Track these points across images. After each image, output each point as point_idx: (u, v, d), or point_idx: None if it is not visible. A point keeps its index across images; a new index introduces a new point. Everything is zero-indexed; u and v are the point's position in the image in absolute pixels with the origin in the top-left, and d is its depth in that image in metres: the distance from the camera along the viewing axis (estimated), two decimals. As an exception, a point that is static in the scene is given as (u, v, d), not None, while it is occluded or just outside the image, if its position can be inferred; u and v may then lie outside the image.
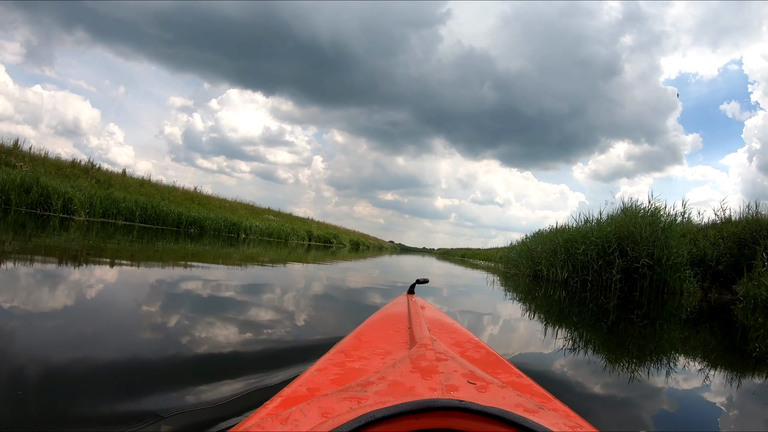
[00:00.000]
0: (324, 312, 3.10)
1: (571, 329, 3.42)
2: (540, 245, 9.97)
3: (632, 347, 2.86)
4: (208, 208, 18.49)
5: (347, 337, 1.07)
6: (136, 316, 2.12)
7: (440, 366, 0.68)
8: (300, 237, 22.48)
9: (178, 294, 2.92)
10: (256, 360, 1.63)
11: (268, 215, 23.20)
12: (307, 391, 0.69)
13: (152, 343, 1.71)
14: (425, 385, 0.60)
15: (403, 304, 1.49)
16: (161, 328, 1.92)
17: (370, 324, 1.21)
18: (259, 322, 2.32)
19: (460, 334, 1.15)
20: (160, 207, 14.51)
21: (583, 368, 2.09)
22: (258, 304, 2.92)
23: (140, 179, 18.35)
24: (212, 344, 1.76)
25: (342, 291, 4.56)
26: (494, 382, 0.64)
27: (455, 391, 0.58)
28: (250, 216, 20.72)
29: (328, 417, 0.50)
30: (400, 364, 0.70)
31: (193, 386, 1.27)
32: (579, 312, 4.59)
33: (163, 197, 17.04)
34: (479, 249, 38.88)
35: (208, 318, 2.24)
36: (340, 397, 0.56)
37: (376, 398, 0.55)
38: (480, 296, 5.76)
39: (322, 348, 1.12)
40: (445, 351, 0.76)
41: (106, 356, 1.48)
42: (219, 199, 21.53)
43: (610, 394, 1.75)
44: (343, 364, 0.85)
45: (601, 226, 8.25)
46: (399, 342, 1.01)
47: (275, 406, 0.63)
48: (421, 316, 1.17)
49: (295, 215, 28.39)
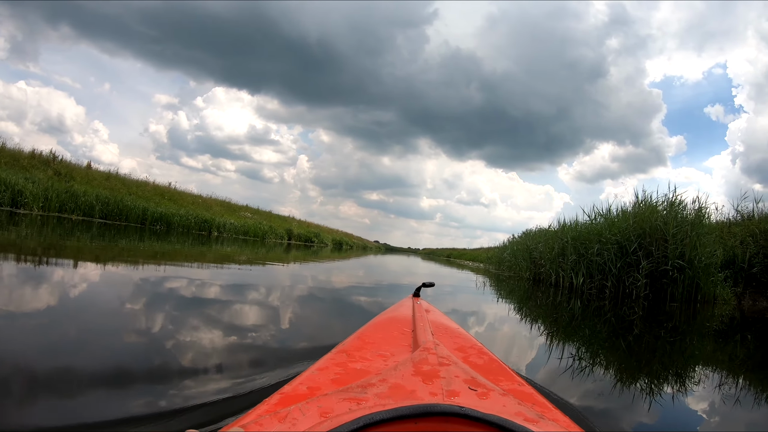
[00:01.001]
0: (301, 318, 2.81)
1: (582, 344, 2.89)
2: (541, 244, 8.78)
3: (655, 366, 2.40)
4: (179, 204, 17.46)
5: (350, 338, 1.06)
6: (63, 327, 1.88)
7: (442, 371, 0.67)
8: (278, 235, 21.48)
9: (103, 300, 2.48)
10: (229, 367, 1.53)
11: (244, 212, 22.15)
12: (307, 390, 0.69)
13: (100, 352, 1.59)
14: (426, 389, 0.59)
15: (408, 306, 1.47)
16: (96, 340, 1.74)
17: (373, 325, 1.21)
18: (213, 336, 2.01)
19: (463, 339, 1.13)
20: (123, 202, 13.44)
21: (592, 387, 1.83)
22: (205, 313, 2.46)
23: (106, 173, 17.30)
24: (179, 353, 1.66)
25: (325, 293, 4.14)
26: (495, 390, 0.64)
27: (456, 397, 0.57)
28: (225, 213, 19.71)
29: (326, 417, 0.50)
30: (401, 367, 0.70)
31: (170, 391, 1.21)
32: (593, 324, 3.83)
33: (131, 192, 15.99)
34: (465, 249, 38.74)
35: (153, 333, 1.94)
36: (340, 398, 0.56)
37: (376, 400, 0.55)
38: (470, 300, 4.98)
39: (296, 356, 1.30)
40: (447, 356, 0.75)
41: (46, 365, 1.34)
42: (192, 195, 20.51)
43: (620, 416, 1.54)
44: (344, 364, 0.84)
45: (615, 221, 6.91)
46: (402, 345, 1.00)
47: (274, 403, 0.63)
48: (426, 320, 1.16)
49: (275, 213, 27.38)
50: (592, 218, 7.80)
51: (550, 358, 2.33)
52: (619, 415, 1.55)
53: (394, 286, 5.90)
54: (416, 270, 11.30)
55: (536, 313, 4.41)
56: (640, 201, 6.95)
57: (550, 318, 4.03)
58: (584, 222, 7.95)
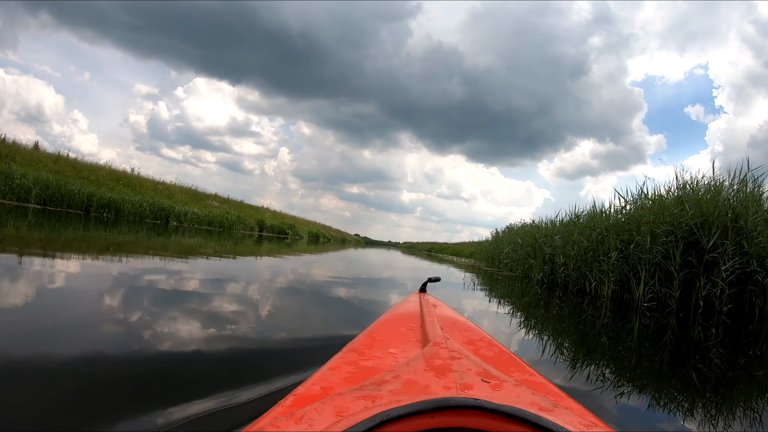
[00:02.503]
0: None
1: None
2: (559, 236, 6.77)
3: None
4: (137, 190, 15.93)
5: (359, 336, 1.05)
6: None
7: (454, 364, 0.67)
8: (248, 227, 20.04)
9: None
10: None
11: (211, 201, 20.64)
12: (321, 390, 0.68)
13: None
14: (440, 383, 0.60)
15: (415, 302, 1.45)
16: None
17: (382, 322, 1.20)
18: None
19: (472, 332, 1.13)
20: (66, 186, 11.90)
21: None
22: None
23: (55, 154, 15.66)
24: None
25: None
26: (508, 381, 0.64)
27: (470, 390, 0.58)
28: (190, 201, 18.22)
29: (342, 416, 0.50)
30: (414, 362, 0.70)
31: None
32: (652, 355, 2.53)
33: (81, 176, 14.41)
34: (446, 243, 38.08)
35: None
36: (355, 396, 0.56)
37: (391, 397, 0.55)
38: (472, 309, 3.83)
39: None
40: (458, 349, 0.75)
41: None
42: (153, 181, 18.91)
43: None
44: (356, 362, 0.84)
45: (668, 205, 5.00)
46: (412, 340, 0.99)
47: (289, 404, 0.63)
48: (434, 315, 1.16)
49: (246, 203, 25.86)
50: (625, 205, 5.89)
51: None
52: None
53: (375, 281, 5.53)
54: (397, 264, 10.95)
55: (581, 339, 2.90)
56: (687, 182, 5.24)
57: (618, 361, 2.38)
58: (614, 207, 6.09)
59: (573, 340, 2.81)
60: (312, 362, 1.36)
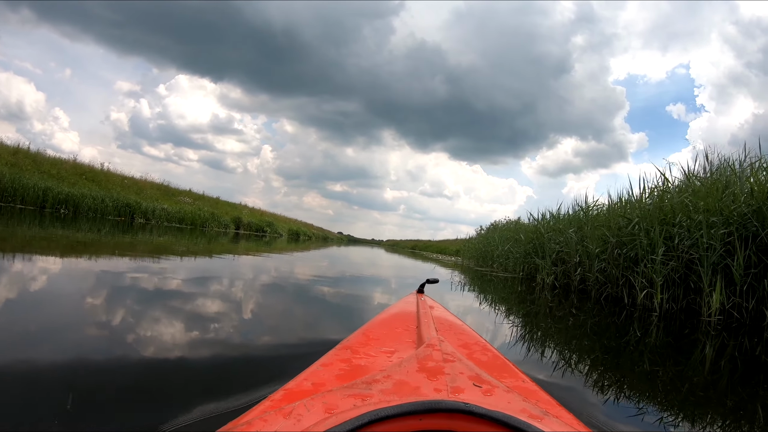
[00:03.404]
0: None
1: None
2: (574, 229, 5.58)
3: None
4: (102, 186, 14.95)
5: (354, 334, 1.03)
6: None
7: (447, 367, 0.66)
8: (223, 224, 19.14)
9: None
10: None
11: (185, 197, 19.68)
12: (312, 386, 0.68)
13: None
14: (431, 385, 0.59)
15: (412, 302, 1.44)
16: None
17: (377, 321, 1.18)
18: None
19: (467, 335, 1.11)
20: (20, 180, 10.95)
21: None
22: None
23: (14, 147, 14.55)
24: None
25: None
26: (500, 386, 0.63)
27: (461, 393, 0.57)
28: (161, 197, 17.27)
29: (331, 413, 0.49)
30: (406, 363, 0.69)
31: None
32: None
33: (41, 170, 13.41)
34: (430, 241, 37.69)
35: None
36: (345, 394, 0.56)
37: (381, 396, 0.54)
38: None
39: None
40: (452, 352, 0.74)
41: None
42: (121, 176, 17.84)
43: None
44: (349, 360, 0.83)
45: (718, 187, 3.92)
46: (406, 341, 0.98)
47: (279, 399, 0.62)
48: (429, 316, 1.14)
49: (224, 200, 24.87)
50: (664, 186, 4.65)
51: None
52: None
53: (359, 280, 5.33)
54: (380, 261, 10.63)
55: (616, 363, 2.20)
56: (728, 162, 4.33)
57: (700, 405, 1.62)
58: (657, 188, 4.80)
59: (607, 367, 2.06)
60: (283, 371, 1.27)
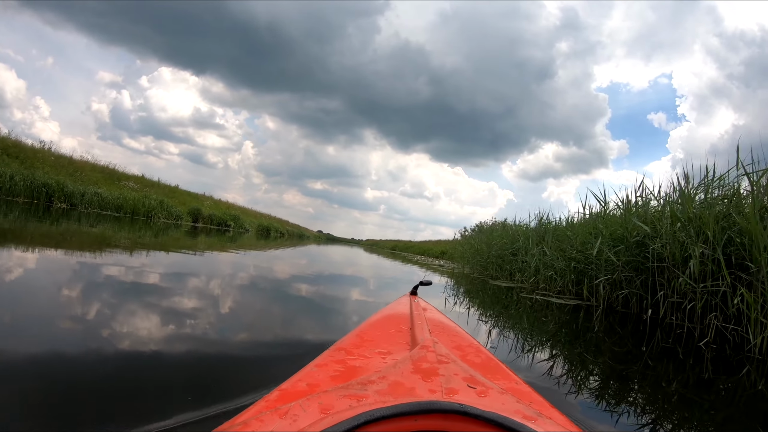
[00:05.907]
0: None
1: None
2: (635, 226, 4.06)
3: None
4: (27, 164, 12.44)
5: (348, 335, 1.03)
6: None
7: (441, 368, 0.66)
8: (174, 216, 16.70)
9: None
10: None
11: (131, 182, 17.18)
12: (307, 387, 0.69)
13: None
14: (425, 386, 0.59)
15: (405, 304, 1.43)
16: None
17: (371, 323, 1.17)
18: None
19: (461, 337, 1.11)
20: None
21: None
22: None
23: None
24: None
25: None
26: (494, 388, 0.63)
27: (455, 395, 0.56)
28: (101, 181, 14.79)
29: (327, 413, 0.50)
30: (401, 364, 0.69)
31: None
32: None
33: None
34: (411, 241, 36.11)
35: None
36: (340, 395, 0.56)
37: (376, 397, 0.55)
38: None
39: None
40: (446, 354, 0.74)
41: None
42: (55, 154, 15.24)
43: None
44: (343, 361, 0.83)
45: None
46: (400, 342, 0.99)
47: (274, 399, 0.63)
48: (423, 318, 1.14)
49: (183, 189, 22.34)
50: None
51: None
52: None
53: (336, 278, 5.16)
54: (359, 261, 10.42)
55: None
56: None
57: None
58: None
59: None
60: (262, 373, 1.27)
